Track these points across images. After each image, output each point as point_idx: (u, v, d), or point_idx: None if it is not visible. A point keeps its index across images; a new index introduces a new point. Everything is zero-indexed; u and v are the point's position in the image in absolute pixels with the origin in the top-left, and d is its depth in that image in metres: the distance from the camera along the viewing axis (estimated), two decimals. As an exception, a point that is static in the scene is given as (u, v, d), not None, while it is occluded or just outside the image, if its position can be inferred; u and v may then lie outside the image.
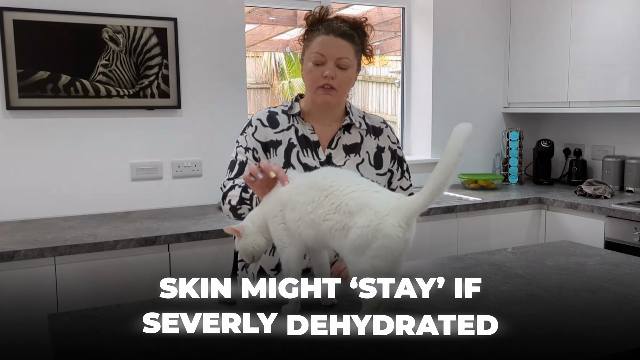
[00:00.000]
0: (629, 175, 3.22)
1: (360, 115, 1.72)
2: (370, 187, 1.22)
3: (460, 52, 3.57)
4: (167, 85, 2.76)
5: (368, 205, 1.16)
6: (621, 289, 1.47)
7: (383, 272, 1.14)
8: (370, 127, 1.71)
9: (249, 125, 1.67)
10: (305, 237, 1.25)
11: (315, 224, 1.22)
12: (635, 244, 2.66)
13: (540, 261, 1.75)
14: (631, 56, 2.94)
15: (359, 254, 1.15)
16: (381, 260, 1.14)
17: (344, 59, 1.55)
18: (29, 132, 2.55)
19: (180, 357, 1.08)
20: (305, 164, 1.61)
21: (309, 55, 1.58)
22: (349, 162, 1.65)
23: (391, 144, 1.72)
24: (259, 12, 3.38)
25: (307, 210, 1.23)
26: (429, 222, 2.84)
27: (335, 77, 1.56)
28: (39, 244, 2.08)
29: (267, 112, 1.68)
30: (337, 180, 1.23)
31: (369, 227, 1.13)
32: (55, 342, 1.17)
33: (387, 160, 1.70)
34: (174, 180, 2.85)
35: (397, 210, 1.14)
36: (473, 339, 1.15)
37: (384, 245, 1.13)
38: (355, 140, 1.67)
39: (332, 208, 1.20)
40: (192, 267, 2.29)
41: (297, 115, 1.66)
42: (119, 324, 1.25)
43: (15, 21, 2.45)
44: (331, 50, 1.55)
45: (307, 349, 1.11)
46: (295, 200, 1.26)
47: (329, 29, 1.55)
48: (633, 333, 1.18)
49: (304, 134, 1.65)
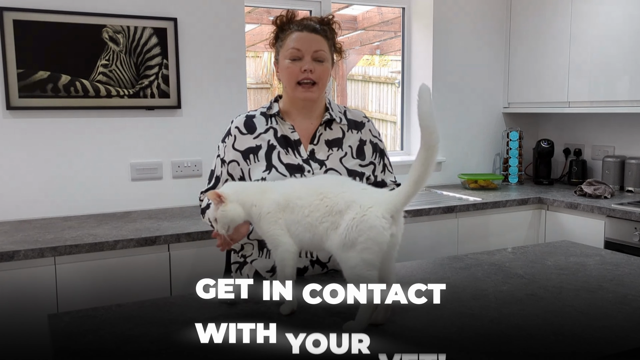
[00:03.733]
0: (629, 175, 3.22)
1: (340, 110, 1.74)
2: (358, 186, 1.29)
3: (460, 52, 3.57)
4: (167, 85, 2.76)
5: (354, 200, 1.21)
6: (621, 289, 1.47)
7: (374, 265, 1.17)
8: (352, 122, 1.72)
9: (228, 135, 1.68)
10: (302, 239, 1.28)
11: (312, 227, 1.25)
12: (635, 244, 2.66)
13: (540, 261, 1.75)
14: (631, 56, 2.94)
15: (348, 250, 1.17)
16: (370, 252, 1.16)
17: (320, 51, 1.59)
18: (29, 132, 2.55)
19: (181, 357, 1.08)
20: (287, 163, 1.61)
21: (285, 53, 1.60)
22: (332, 156, 1.65)
23: (372, 137, 1.74)
24: (259, 12, 3.38)
25: (304, 213, 1.26)
26: (429, 222, 2.84)
27: (314, 71, 1.58)
28: (39, 244, 2.08)
29: (243, 119, 1.69)
30: (332, 185, 1.28)
31: (354, 219, 1.18)
32: (55, 342, 1.17)
33: (369, 152, 1.71)
34: (174, 180, 2.85)
35: (381, 203, 1.19)
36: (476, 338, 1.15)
37: (370, 237, 1.16)
38: (337, 136, 1.68)
39: (327, 211, 1.23)
40: (192, 267, 2.29)
41: (276, 115, 1.66)
42: (119, 324, 1.25)
43: (15, 21, 2.45)
44: (307, 44, 1.58)
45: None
46: (294, 204, 1.28)
47: (301, 26, 1.60)
48: (633, 333, 1.18)
49: (283, 134, 1.65)
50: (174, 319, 1.28)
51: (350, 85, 4.00)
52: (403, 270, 1.66)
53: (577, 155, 3.53)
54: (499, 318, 1.27)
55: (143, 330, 1.21)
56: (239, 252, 1.69)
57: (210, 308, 1.33)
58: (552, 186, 3.51)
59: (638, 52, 2.91)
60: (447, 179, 3.60)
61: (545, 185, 3.55)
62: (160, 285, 2.24)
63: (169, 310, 1.33)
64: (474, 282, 1.53)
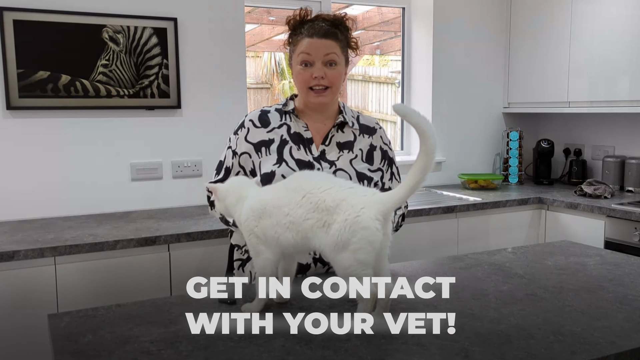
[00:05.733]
0: (629, 175, 3.22)
1: (354, 115, 1.74)
2: (345, 183, 1.27)
3: (460, 52, 3.57)
4: (167, 85, 2.76)
5: (345, 199, 1.19)
6: (621, 289, 1.47)
7: (368, 265, 1.16)
8: (364, 127, 1.73)
9: (241, 127, 1.69)
10: (284, 241, 1.26)
11: (295, 225, 1.23)
12: (635, 244, 2.66)
13: (540, 261, 1.75)
14: (631, 56, 2.94)
15: (341, 251, 1.17)
16: (363, 252, 1.16)
17: (331, 55, 1.58)
18: (29, 132, 2.55)
19: (181, 357, 1.08)
20: (298, 159, 1.62)
21: (297, 58, 1.61)
22: (342, 157, 1.66)
23: (383, 144, 1.74)
24: (259, 12, 3.38)
25: (285, 212, 1.24)
26: (429, 222, 2.84)
27: (325, 76, 1.58)
28: (39, 243, 2.08)
29: (258, 113, 1.70)
30: (311, 181, 1.26)
31: (346, 221, 1.16)
32: (55, 341, 1.17)
33: (378, 158, 1.72)
34: (174, 180, 2.85)
35: (374, 204, 1.18)
36: (476, 337, 1.15)
37: (364, 237, 1.16)
38: (349, 138, 1.69)
39: (311, 207, 1.22)
40: (192, 267, 2.29)
41: (291, 112, 1.67)
42: (119, 323, 1.25)
43: (15, 21, 2.45)
44: (317, 50, 1.57)
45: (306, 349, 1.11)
46: (272, 206, 1.27)
47: (312, 31, 1.58)
48: (633, 333, 1.18)
49: (297, 131, 1.66)
50: (173, 319, 1.28)
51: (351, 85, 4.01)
52: (403, 270, 1.66)
53: (577, 155, 3.53)
54: (499, 318, 1.27)
55: (143, 330, 1.21)
56: (242, 249, 1.69)
57: (210, 307, 1.33)
58: (552, 186, 3.51)
59: (638, 52, 2.91)
60: (447, 179, 3.60)
61: (545, 185, 3.55)
62: (160, 285, 2.25)
63: (169, 310, 1.33)
64: (474, 282, 1.54)
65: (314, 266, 1.62)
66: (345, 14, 1.65)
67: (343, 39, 1.62)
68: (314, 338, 1.15)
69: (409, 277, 1.59)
